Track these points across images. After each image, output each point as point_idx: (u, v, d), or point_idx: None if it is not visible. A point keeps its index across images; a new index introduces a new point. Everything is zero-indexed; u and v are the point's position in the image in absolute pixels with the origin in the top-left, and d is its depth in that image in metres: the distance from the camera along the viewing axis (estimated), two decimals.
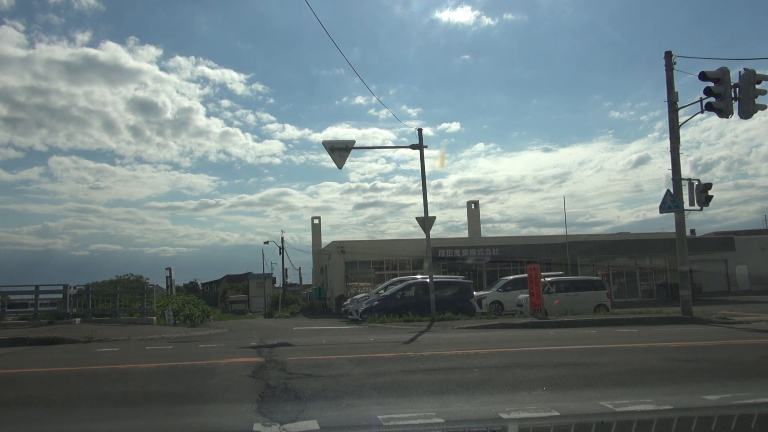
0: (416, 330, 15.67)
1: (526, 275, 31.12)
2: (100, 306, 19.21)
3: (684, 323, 16.05)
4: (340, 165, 19.70)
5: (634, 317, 16.96)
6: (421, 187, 20.33)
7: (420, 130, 20.29)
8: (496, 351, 9.62)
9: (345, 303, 27.08)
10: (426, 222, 20.09)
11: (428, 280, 21.76)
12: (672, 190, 17.31)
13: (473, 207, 40.66)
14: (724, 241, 39.21)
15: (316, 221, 42.93)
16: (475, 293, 23.58)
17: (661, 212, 17.38)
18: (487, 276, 36.53)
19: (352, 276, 35.96)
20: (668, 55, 17.59)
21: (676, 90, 17.51)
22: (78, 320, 17.85)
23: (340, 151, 19.67)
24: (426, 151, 20.25)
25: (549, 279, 21.44)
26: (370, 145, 23.37)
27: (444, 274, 33.69)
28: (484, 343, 10.95)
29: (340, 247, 35.50)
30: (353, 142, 19.97)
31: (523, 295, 23.46)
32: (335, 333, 16.13)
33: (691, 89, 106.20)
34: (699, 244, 37.94)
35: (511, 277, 29.39)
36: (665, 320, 16.56)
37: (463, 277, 27.79)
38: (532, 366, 8.09)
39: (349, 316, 24.31)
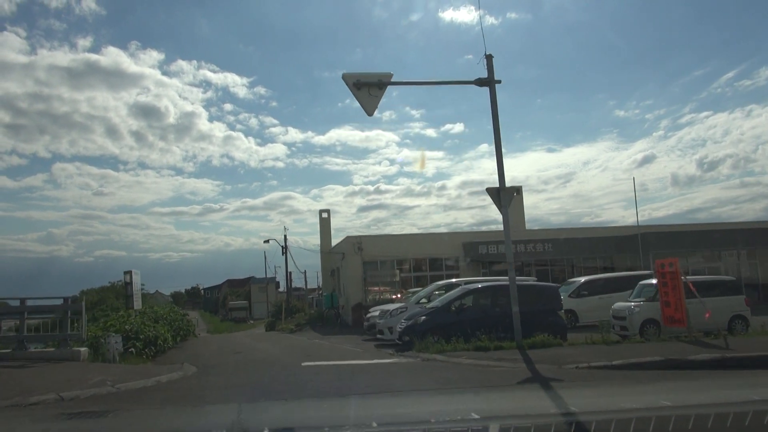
0: (519, 374, 8.84)
1: (603, 276, 24.23)
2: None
3: None
4: (369, 109, 12.88)
5: None
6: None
7: (489, 57, 13.40)
8: None
9: (369, 315, 20.14)
10: (503, 195, 13.20)
11: (502, 285, 15.14)
12: None
13: (515, 194, 33.49)
14: None
15: (324, 215, 35.92)
16: None
17: None
18: (536, 277, 29.48)
19: (372, 279, 28.97)
20: None
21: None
22: None
23: (369, 87, 12.82)
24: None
25: (690, 281, 14.25)
26: (415, 81, 15.43)
27: (485, 275, 26.73)
28: None
29: (356, 243, 28.46)
30: (390, 75, 13.12)
31: (622, 304, 16.45)
32: (378, 381, 9.18)
33: (691, 89, 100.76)
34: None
35: (585, 279, 22.50)
36: None
37: (534, 279, 20.84)
38: None
39: (379, 335, 17.36)
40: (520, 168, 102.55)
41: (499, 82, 13.38)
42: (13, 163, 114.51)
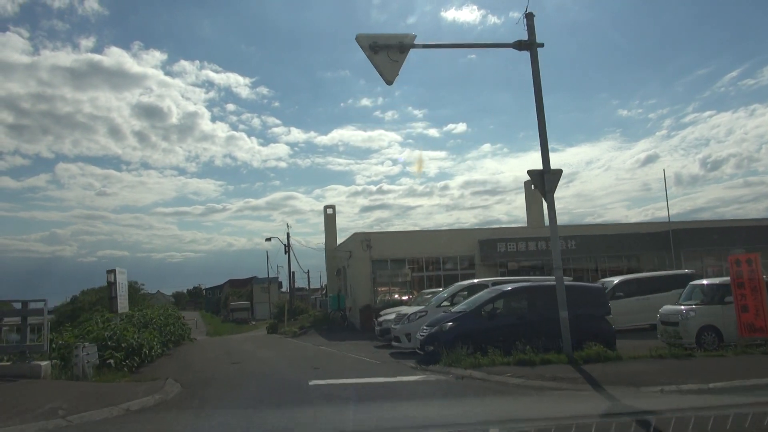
0: (595, 403, 6.81)
1: (639, 275, 21.90)
2: None
3: None
4: (389, 76, 10.85)
5: None
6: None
7: (530, 16, 11.32)
8: None
9: (381, 319, 18.07)
10: (547, 178, 11.11)
11: (540, 285, 13.26)
12: None
13: (533, 188, 31.45)
14: None
15: (329, 211, 33.81)
16: None
17: None
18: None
19: (381, 279, 26.87)
20: None
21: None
22: None
23: (389, 51, 10.76)
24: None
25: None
26: (444, 44, 13.18)
27: (502, 275, 24.64)
28: None
29: (365, 241, 26.38)
30: (412, 36, 11.05)
31: (672, 307, 14.26)
32: (413, 414, 7.10)
33: (694, 88, 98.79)
34: None
35: (619, 279, 20.30)
36: None
37: (570, 278, 18.69)
38: None
39: (395, 343, 15.28)
40: (523, 168, 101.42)
41: (542, 45, 11.34)
42: (16, 163, 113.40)
